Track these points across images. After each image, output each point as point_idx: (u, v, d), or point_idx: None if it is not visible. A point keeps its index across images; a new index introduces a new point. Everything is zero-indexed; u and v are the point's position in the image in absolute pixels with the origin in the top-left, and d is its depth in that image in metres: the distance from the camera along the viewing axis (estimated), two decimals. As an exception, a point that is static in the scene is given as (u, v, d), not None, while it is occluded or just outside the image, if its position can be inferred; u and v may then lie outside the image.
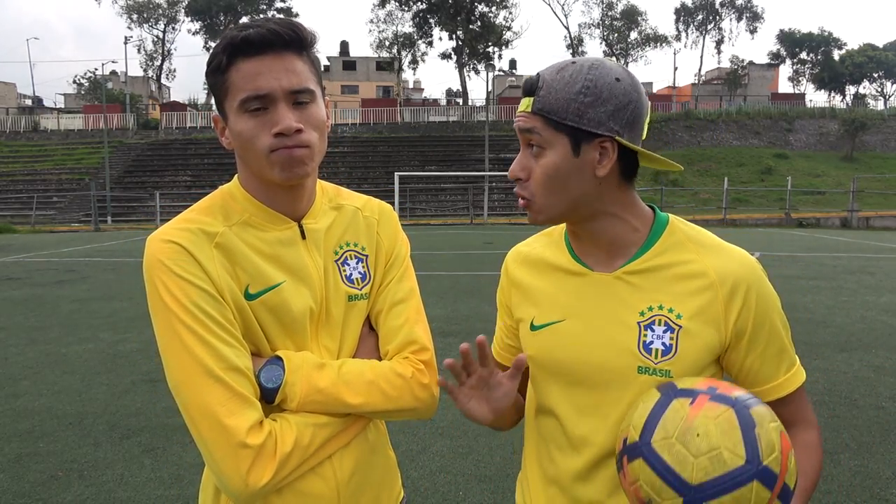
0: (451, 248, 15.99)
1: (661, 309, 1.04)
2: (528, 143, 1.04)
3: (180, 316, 0.98)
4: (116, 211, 28.96)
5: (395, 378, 1.12)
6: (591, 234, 1.09)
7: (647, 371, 1.03)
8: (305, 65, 1.05)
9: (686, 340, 1.02)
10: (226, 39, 1.02)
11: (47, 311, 7.89)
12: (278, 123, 1.01)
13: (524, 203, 1.07)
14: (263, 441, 0.97)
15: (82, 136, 37.53)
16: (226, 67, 1.02)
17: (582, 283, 1.11)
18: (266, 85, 1.00)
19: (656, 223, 1.10)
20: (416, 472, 3.41)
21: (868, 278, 10.36)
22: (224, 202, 1.11)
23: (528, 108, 1.03)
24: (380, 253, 1.23)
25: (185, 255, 1.01)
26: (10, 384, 4.96)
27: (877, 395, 4.61)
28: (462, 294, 8.84)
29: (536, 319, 1.15)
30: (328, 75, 56.91)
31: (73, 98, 54.88)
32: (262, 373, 1.04)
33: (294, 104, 1.03)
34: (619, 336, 1.06)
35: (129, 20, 49.06)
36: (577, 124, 1.00)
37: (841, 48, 55.69)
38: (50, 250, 16.15)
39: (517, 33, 48.44)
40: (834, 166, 34.73)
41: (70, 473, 3.40)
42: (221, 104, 1.06)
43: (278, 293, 1.07)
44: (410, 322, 1.19)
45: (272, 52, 1.01)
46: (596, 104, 0.99)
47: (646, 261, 1.07)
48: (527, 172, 1.05)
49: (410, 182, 29.55)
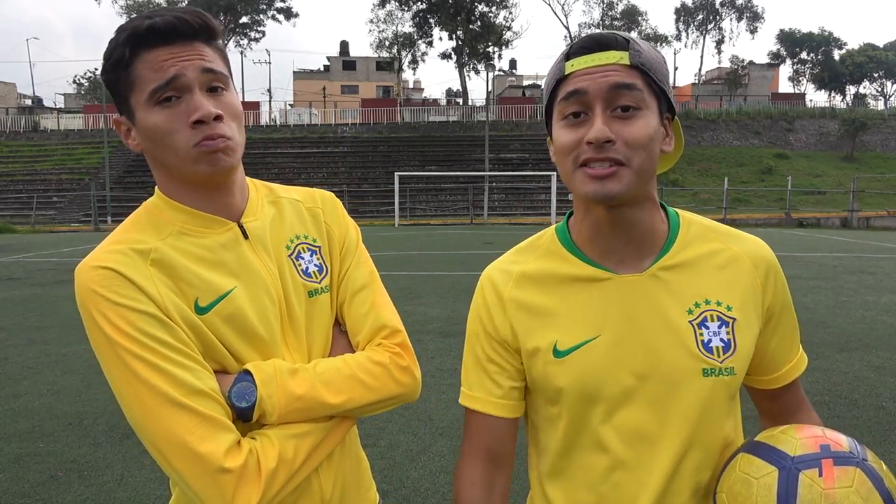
0: (451, 248, 15.98)
1: (709, 303, 0.97)
2: (614, 104, 0.89)
3: (127, 346, 0.90)
4: (116, 211, 28.93)
5: (374, 367, 1.06)
6: (631, 225, 0.97)
7: (714, 372, 0.94)
8: (216, 53, 0.99)
9: (741, 332, 0.96)
10: (127, 30, 0.94)
11: (47, 311, 7.89)
12: (196, 110, 0.93)
13: (610, 170, 0.89)
14: (244, 462, 0.90)
15: (82, 136, 37.53)
16: (129, 60, 0.94)
17: (609, 289, 0.98)
18: (177, 70, 0.93)
19: (669, 212, 1.04)
20: (416, 472, 3.41)
21: (868, 278, 10.36)
22: (150, 216, 1.02)
23: (622, 61, 0.90)
24: (332, 242, 1.16)
25: (119, 280, 0.92)
26: (10, 384, 4.96)
27: (877, 395, 4.61)
28: (462, 294, 8.82)
29: (561, 343, 0.98)
30: (328, 75, 56.93)
31: (73, 98, 54.91)
32: (232, 392, 0.96)
33: (209, 90, 0.96)
34: (673, 340, 0.95)
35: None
36: (668, 91, 0.94)
37: (841, 48, 55.68)
38: (50, 250, 16.15)
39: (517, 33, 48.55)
40: (834, 166, 34.72)
41: (70, 473, 3.39)
42: (126, 102, 0.97)
43: (231, 301, 0.99)
44: (377, 307, 1.13)
45: (180, 41, 0.94)
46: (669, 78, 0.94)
47: (675, 255, 0.99)
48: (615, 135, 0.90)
49: (410, 182, 29.53)
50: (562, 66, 0.93)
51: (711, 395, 0.95)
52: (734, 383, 0.97)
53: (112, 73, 0.96)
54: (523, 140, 35.37)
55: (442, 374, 5.09)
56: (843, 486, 0.81)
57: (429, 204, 30.57)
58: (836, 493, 0.81)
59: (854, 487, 0.81)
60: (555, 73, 0.95)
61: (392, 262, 12.58)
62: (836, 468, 0.83)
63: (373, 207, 30.01)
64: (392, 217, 27.25)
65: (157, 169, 1.03)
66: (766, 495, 0.83)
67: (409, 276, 10.39)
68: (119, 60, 0.94)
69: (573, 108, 0.91)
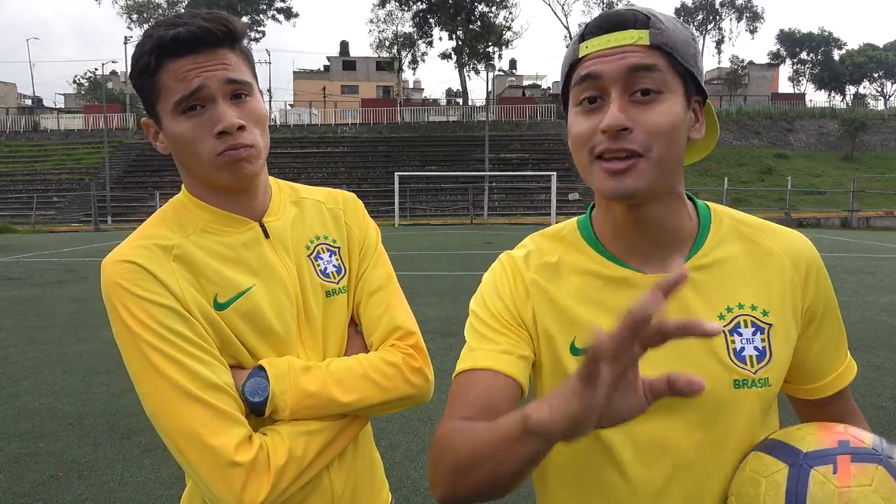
0: (451, 248, 15.98)
1: (742, 308, 0.88)
2: (632, 87, 0.81)
3: (147, 338, 0.93)
4: (116, 211, 28.94)
5: (387, 367, 1.07)
6: (656, 223, 0.89)
7: (746, 384, 0.86)
8: (239, 58, 1.00)
9: (778, 339, 0.88)
10: (152, 39, 0.95)
11: (47, 311, 7.89)
12: (220, 121, 0.95)
13: (627, 163, 0.81)
14: (255, 456, 0.92)
15: (82, 136, 37.51)
16: (154, 69, 0.96)
17: (632, 289, 0.90)
18: (201, 81, 0.95)
19: (700, 207, 0.95)
20: (416, 472, 3.41)
21: (868, 278, 10.36)
22: (176, 213, 1.05)
23: (641, 41, 0.81)
24: (351, 243, 1.18)
25: (143, 274, 0.95)
26: (10, 384, 4.96)
27: (877, 395, 4.61)
28: (462, 294, 8.82)
29: (579, 341, 0.91)
30: (328, 75, 56.93)
31: (73, 98, 54.91)
32: (246, 386, 0.99)
33: (232, 98, 0.98)
34: (702, 347, 0.86)
35: (129, 20, 48.97)
36: (696, 71, 0.85)
37: (841, 48, 55.70)
38: (50, 250, 16.15)
39: (517, 33, 48.55)
40: (834, 166, 34.72)
41: (70, 473, 3.39)
42: (153, 108, 1.00)
43: (249, 298, 1.02)
44: (391, 308, 1.14)
45: (204, 49, 0.95)
46: (699, 57, 0.85)
47: (706, 254, 0.90)
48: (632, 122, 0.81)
49: (410, 182, 29.53)
50: (576, 48, 0.86)
51: (742, 409, 0.86)
52: (768, 395, 0.88)
53: (138, 79, 0.99)
54: (523, 140, 35.38)
55: (442, 374, 5.07)
56: (861, 485, 0.74)
57: (429, 204, 30.57)
58: (851, 491, 0.74)
59: (873, 486, 0.74)
60: (569, 56, 0.87)
61: (392, 262, 12.53)
62: (854, 465, 0.76)
63: (373, 207, 29.97)
64: (392, 217, 27.25)
65: (184, 171, 1.06)
66: (775, 495, 0.77)
67: (409, 276, 10.40)
68: (145, 69, 0.96)
69: (588, 93, 0.83)
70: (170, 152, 1.03)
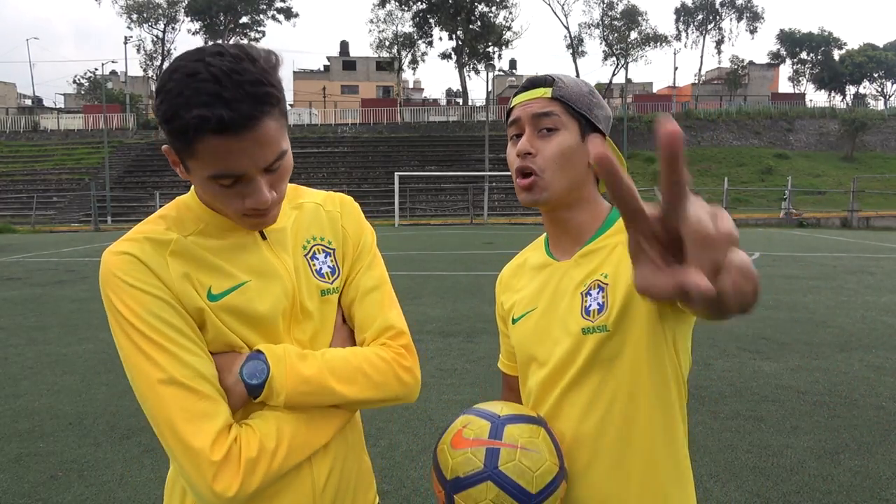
0: (451, 248, 15.98)
1: (598, 275, 1.13)
2: (538, 127, 1.14)
3: (138, 326, 0.96)
4: (116, 211, 28.95)
5: (380, 362, 1.10)
6: (565, 222, 1.19)
7: (589, 331, 1.11)
8: (277, 122, 0.95)
9: (613, 293, 1.09)
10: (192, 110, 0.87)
11: (47, 311, 7.89)
12: (253, 198, 0.97)
13: (529, 181, 1.14)
14: (228, 449, 0.95)
15: (82, 136, 37.52)
16: (192, 139, 0.90)
17: (549, 273, 1.22)
18: (240, 166, 0.93)
19: (611, 213, 1.20)
20: (416, 472, 3.41)
21: (868, 278, 10.36)
22: (179, 213, 1.07)
23: (545, 95, 1.15)
24: (346, 245, 1.20)
25: (138, 266, 0.98)
26: (10, 384, 4.96)
27: (877, 395, 4.61)
28: (462, 294, 8.82)
29: (515, 313, 1.26)
30: (328, 75, 56.93)
31: (73, 98, 54.87)
32: (244, 369, 1.01)
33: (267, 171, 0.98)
34: (569, 308, 1.15)
35: (128, 20, 48.96)
36: (588, 115, 1.15)
37: (841, 48, 55.68)
38: (50, 250, 16.15)
39: (517, 33, 48.48)
40: (834, 166, 34.73)
41: (70, 473, 3.39)
42: (182, 157, 0.96)
43: (242, 293, 1.04)
44: (384, 308, 1.17)
45: (249, 132, 0.90)
46: (599, 107, 1.17)
47: (597, 244, 1.17)
48: (535, 150, 1.13)
49: (410, 182, 29.54)
50: (511, 101, 1.21)
51: (592, 347, 1.11)
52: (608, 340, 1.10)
53: (171, 131, 0.92)
54: (523, 140, 35.32)
55: (442, 374, 5.10)
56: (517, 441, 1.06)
57: (429, 204, 30.57)
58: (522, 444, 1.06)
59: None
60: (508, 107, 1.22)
61: (392, 262, 12.57)
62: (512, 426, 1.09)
63: (373, 207, 29.98)
64: (392, 217, 27.26)
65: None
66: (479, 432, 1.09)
67: (409, 276, 10.39)
68: (179, 133, 0.90)
69: (514, 131, 1.18)
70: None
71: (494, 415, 1.10)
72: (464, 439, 1.07)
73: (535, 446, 1.05)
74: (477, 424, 1.08)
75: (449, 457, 1.06)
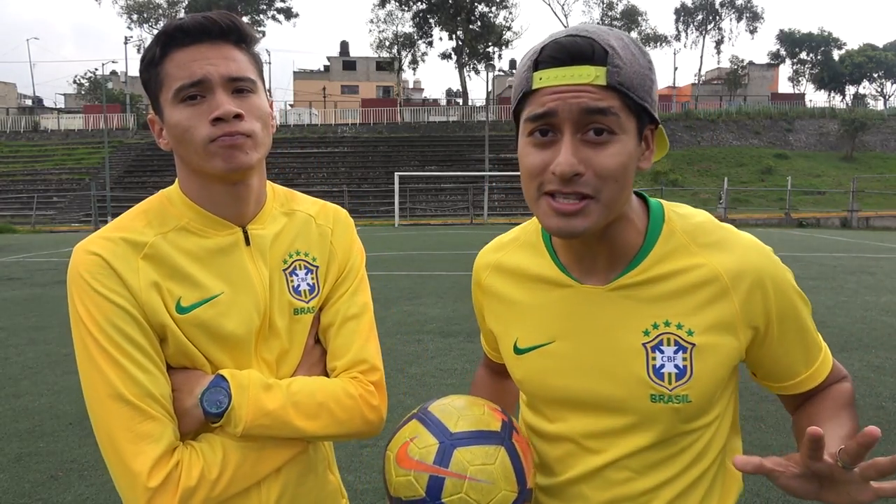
0: (451, 248, 15.97)
1: (668, 325, 0.90)
2: (585, 126, 0.81)
3: (95, 336, 0.93)
4: (116, 211, 28.90)
5: (346, 399, 1.05)
6: (597, 240, 0.91)
7: (662, 399, 0.90)
8: (245, 56, 1.00)
9: (701, 359, 0.89)
10: (160, 32, 0.98)
11: (47, 311, 7.89)
12: (216, 108, 0.95)
13: (580, 205, 0.82)
14: (166, 476, 0.91)
15: (82, 136, 37.50)
16: (160, 59, 0.97)
17: (571, 297, 0.96)
18: (201, 70, 0.95)
19: (652, 220, 0.94)
20: (416, 472, 3.41)
21: (868, 278, 10.35)
22: (161, 206, 1.04)
23: (597, 80, 0.79)
24: (332, 264, 1.14)
25: (105, 269, 0.95)
26: (10, 384, 4.96)
27: (877, 395, 4.61)
28: (462, 294, 8.80)
29: (521, 341, 1.00)
30: (328, 75, 56.92)
31: (73, 98, 54.89)
32: (205, 395, 0.97)
33: (233, 92, 0.97)
34: (623, 361, 0.92)
35: (129, 20, 48.92)
36: (650, 106, 0.84)
37: (841, 48, 55.65)
38: (50, 250, 16.15)
39: (517, 33, 48.26)
40: (834, 166, 34.72)
41: (70, 473, 3.39)
42: (157, 100, 1.00)
43: (213, 306, 1.00)
44: (362, 339, 1.11)
45: (208, 41, 0.96)
46: (654, 87, 0.85)
47: (644, 270, 0.92)
48: (585, 165, 0.81)
49: (410, 182, 29.53)
50: (529, 77, 0.83)
51: (658, 420, 0.91)
52: (687, 410, 0.91)
53: (146, 72, 1.00)
54: (523, 140, 35.32)
55: (442, 374, 5.09)
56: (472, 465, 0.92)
57: (429, 204, 30.56)
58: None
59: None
60: (522, 83, 0.85)
61: (392, 262, 12.57)
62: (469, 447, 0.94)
63: (373, 207, 29.99)
64: (392, 217, 27.25)
65: (180, 166, 1.04)
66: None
67: (409, 276, 10.31)
68: (151, 60, 0.98)
69: (539, 125, 0.83)
70: (171, 148, 1.02)
71: (446, 431, 0.94)
72: (408, 458, 0.93)
73: (486, 475, 0.89)
74: (424, 441, 0.94)
75: (393, 472, 0.95)
